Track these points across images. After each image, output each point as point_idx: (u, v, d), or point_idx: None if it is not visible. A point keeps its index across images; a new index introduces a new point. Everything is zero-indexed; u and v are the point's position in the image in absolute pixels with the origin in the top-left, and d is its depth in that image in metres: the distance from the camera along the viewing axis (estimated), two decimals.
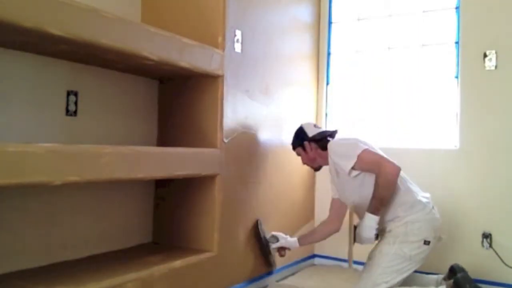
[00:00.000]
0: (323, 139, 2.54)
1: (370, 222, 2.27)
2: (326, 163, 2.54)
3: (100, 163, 1.78)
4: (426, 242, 2.29)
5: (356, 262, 2.77)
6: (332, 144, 2.47)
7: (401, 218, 2.33)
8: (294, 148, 2.66)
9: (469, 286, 2.34)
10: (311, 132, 2.57)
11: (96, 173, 1.78)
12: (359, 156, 2.29)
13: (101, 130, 2.36)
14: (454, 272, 2.50)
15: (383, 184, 2.24)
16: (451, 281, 2.41)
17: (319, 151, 2.54)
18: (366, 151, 2.31)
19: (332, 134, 2.58)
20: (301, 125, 2.67)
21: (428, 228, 2.32)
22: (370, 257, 2.40)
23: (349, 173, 2.34)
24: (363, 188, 2.37)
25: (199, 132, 2.53)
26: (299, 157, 2.67)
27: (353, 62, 3.54)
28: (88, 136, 2.28)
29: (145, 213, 2.65)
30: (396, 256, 2.28)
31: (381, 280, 2.28)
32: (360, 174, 2.36)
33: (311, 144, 2.54)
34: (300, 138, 2.59)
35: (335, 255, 3.40)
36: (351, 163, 2.30)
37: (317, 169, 2.69)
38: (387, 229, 2.38)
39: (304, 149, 2.57)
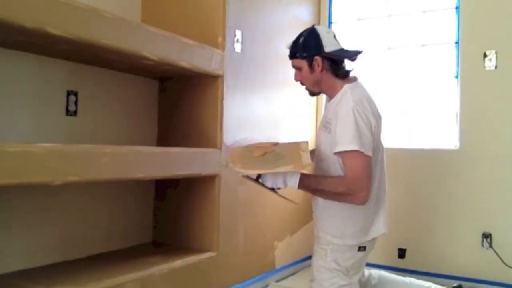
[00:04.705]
0: (340, 63, 1.87)
1: (288, 180, 1.74)
2: (331, 94, 1.89)
3: (100, 163, 1.78)
4: (361, 249, 1.88)
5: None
6: (350, 106, 1.77)
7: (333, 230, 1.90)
8: (293, 57, 1.89)
9: None
10: (329, 45, 1.82)
11: (96, 173, 1.78)
12: (353, 152, 1.73)
13: (101, 130, 2.36)
14: None
15: (342, 199, 1.79)
16: None
17: (330, 75, 1.85)
18: (362, 157, 1.74)
19: (354, 58, 1.88)
20: (315, 27, 1.88)
21: (361, 233, 1.88)
22: (311, 278, 1.98)
23: (332, 150, 1.81)
24: (325, 162, 1.89)
25: (199, 132, 2.53)
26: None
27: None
28: (88, 136, 2.28)
29: (145, 213, 2.65)
30: (333, 271, 1.87)
31: None
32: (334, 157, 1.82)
33: (324, 62, 1.82)
34: (312, 48, 1.82)
35: None
36: (354, 147, 1.73)
37: (313, 93, 1.97)
38: (317, 234, 1.98)
39: (311, 64, 1.83)
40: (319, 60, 1.83)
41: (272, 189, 1.82)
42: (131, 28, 1.97)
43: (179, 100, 2.62)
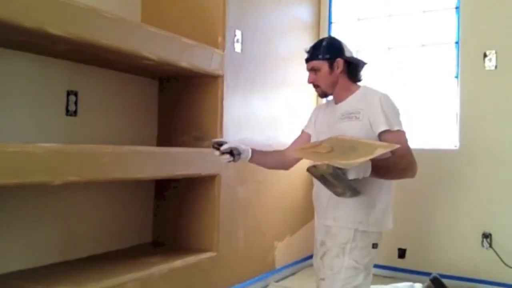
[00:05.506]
0: (356, 68, 2.03)
1: (364, 170, 1.73)
2: (344, 95, 2.01)
3: (100, 163, 1.78)
4: (374, 246, 1.90)
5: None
6: (381, 94, 1.95)
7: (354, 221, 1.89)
8: (314, 58, 1.99)
9: None
10: (349, 52, 2.02)
11: (96, 173, 1.78)
12: (396, 131, 1.86)
13: (101, 130, 2.36)
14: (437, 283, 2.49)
15: (406, 174, 1.89)
16: None
17: (345, 78, 1.99)
18: (404, 134, 1.90)
19: (362, 66, 2.08)
20: (334, 37, 2.12)
21: (384, 219, 1.92)
22: (321, 276, 1.91)
23: (377, 131, 1.87)
24: None
25: (199, 131, 2.53)
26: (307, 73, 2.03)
27: None
28: (88, 136, 2.28)
29: (145, 213, 2.65)
30: (350, 270, 1.85)
31: None
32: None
33: (344, 64, 1.98)
34: (335, 51, 1.98)
35: None
36: (398, 127, 1.86)
37: (325, 95, 2.07)
38: (332, 230, 1.92)
39: (331, 65, 1.96)
40: (340, 62, 1.97)
41: (348, 181, 1.75)
42: (131, 28, 1.97)
43: (179, 100, 2.62)
